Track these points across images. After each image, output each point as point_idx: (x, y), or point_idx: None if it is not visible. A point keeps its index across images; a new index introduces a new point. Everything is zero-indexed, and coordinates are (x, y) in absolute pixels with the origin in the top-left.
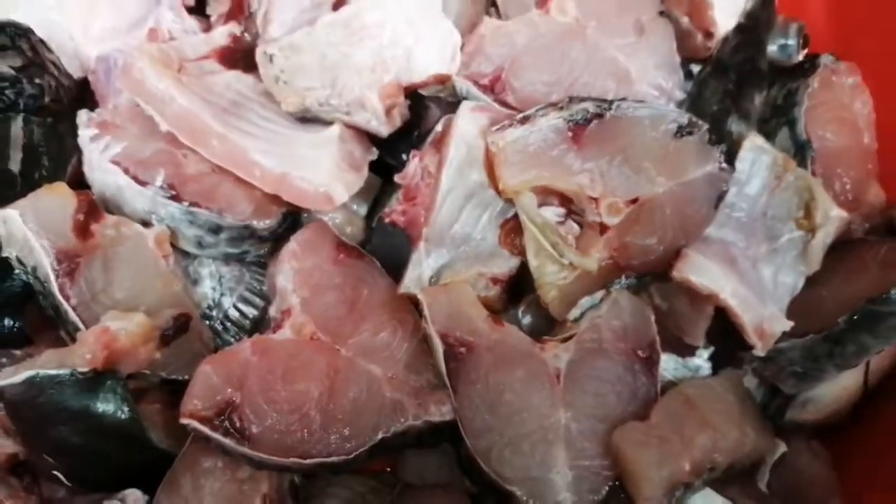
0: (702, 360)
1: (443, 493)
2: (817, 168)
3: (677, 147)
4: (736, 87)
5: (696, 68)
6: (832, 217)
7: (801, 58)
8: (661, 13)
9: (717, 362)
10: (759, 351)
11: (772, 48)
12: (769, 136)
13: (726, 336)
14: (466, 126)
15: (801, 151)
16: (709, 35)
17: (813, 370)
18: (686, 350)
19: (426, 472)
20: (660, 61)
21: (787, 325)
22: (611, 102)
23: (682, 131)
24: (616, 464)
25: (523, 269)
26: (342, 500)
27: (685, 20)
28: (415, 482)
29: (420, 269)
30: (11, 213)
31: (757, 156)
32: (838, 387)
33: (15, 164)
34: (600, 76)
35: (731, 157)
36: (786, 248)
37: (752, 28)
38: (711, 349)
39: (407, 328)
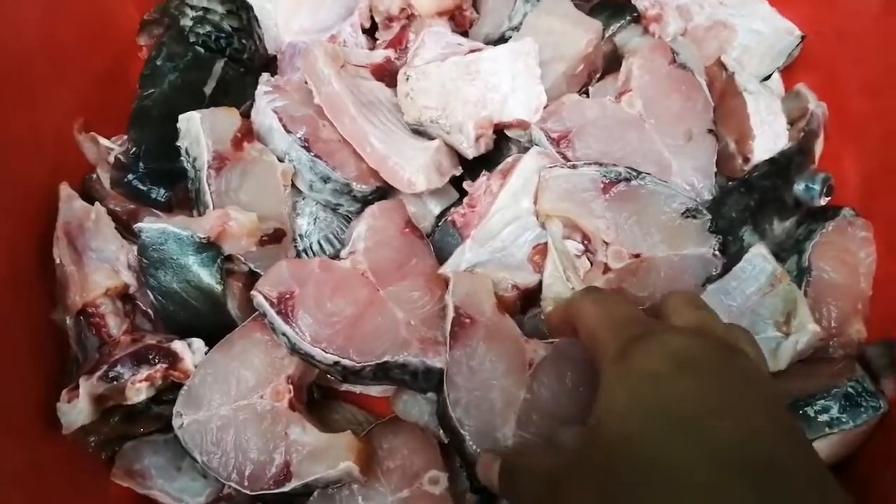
0: None
1: (416, 429)
2: (810, 292)
3: (682, 224)
4: (756, 205)
5: None
6: (807, 329)
7: (822, 203)
8: (710, 130)
9: None
10: None
11: (798, 187)
12: (782, 259)
13: None
14: (530, 163)
15: (800, 275)
16: (746, 160)
17: None
18: None
19: (411, 411)
20: (697, 165)
21: None
22: (639, 173)
23: (688, 213)
24: None
25: (540, 286)
26: (343, 420)
27: (732, 144)
28: (400, 416)
29: (460, 259)
30: (195, 115)
31: (760, 262)
32: None
33: (208, 89)
34: (646, 161)
35: (727, 252)
36: (762, 342)
37: (784, 165)
38: None
39: (434, 296)
